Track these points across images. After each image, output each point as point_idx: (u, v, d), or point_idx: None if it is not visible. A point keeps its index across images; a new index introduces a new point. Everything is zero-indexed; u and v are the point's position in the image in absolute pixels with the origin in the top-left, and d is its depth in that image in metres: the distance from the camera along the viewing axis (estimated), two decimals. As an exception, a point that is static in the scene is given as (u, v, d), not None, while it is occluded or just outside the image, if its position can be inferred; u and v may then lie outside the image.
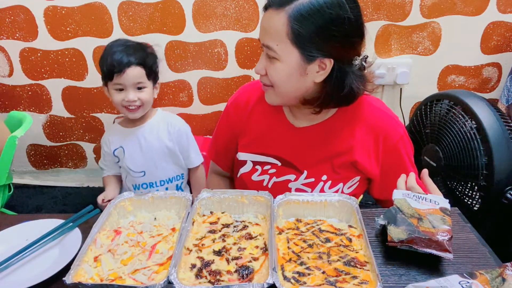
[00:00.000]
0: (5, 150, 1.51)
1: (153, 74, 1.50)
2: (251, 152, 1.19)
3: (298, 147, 1.14)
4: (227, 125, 1.26)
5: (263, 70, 1.03)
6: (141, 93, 1.45)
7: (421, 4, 1.93)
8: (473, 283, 0.72)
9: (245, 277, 0.79)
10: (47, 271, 0.84)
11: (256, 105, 1.18)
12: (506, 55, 2.03)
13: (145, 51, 1.48)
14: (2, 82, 2.08)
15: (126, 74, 1.40)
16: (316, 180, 1.13)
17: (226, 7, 1.93)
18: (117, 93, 1.45)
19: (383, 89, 2.10)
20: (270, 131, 1.16)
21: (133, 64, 1.41)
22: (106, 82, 1.46)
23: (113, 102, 1.48)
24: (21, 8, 1.91)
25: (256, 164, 1.19)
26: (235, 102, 1.23)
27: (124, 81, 1.41)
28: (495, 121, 1.39)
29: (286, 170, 1.16)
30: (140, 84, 1.44)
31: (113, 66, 1.39)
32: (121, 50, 1.42)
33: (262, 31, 1.00)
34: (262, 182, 1.19)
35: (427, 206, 0.95)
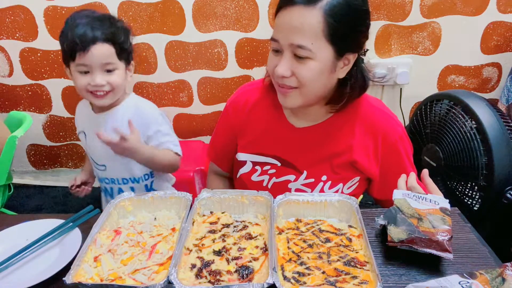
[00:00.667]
0: (5, 150, 1.51)
1: (125, 53, 1.26)
2: (250, 152, 1.19)
3: (298, 148, 1.13)
4: (226, 126, 1.25)
5: (288, 72, 0.97)
6: (110, 76, 1.21)
7: (421, 4, 1.93)
8: (473, 283, 0.72)
9: (245, 277, 0.79)
10: (47, 271, 0.84)
11: (255, 106, 1.18)
12: (506, 55, 2.03)
13: (114, 25, 1.23)
14: (2, 82, 2.08)
15: (91, 52, 1.16)
16: (316, 181, 1.13)
17: (226, 7, 1.93)
18: (81, 76, 1.20)
19: (383, 89, 2.10)
20: (270, 131, 1.16)
21: (99, 40, 1.17)
22: (68, 63, 1.23)
23: (76, 87, 1.24)
24: (21, 8, 1.91)
25: (256, 165, 1.18)
26: (234, 102, 1.22)
27: (89, 61, 1.17)
28: (495, 121, 1.39)
29: (286, 170, 1.15)
30: (110, 66, 1.21)
31: (74, 42, 1.15)
32: (85, 23, 1.17)
33: (290, 30, 0.93)
34: (262, 182, 1.18)
35: (427, 206, 0.95)
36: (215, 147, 1.32)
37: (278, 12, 0.96)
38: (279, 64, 0.97)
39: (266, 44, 2.00)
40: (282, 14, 0.95)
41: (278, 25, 0.96)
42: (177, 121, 2.22)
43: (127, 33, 1.27)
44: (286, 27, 0.94)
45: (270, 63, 1.01)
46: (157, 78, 2.07)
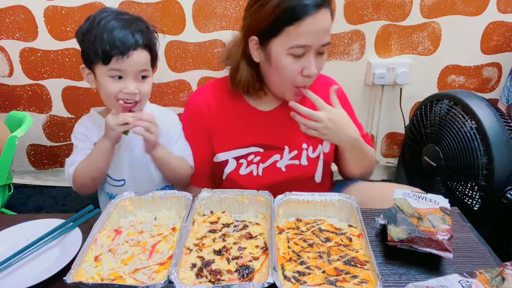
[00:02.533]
0: (5, 150, 1.51)
1: (156, 59, 1.21)
2: (229, 149, 1.20)
3: (272, 129, 1.19)
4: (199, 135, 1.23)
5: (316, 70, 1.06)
6: (142, 84, 1.14)
7: (421, 4, 1.93)
8: (472, 282, 0.72)
9: (246, 276, 0.79)
10: (47, 271, 0.84)
11: (218, 104, 1.21)
12: (506, 55, 2.03)
13: (150, 29, 1.18)
14: (2, 82, 2.08)
15: (131, 58, 1.09)
16: (299, 151, 1.19)
17: (226, 7, 1.92)
18: (112, 81, 1.11)
19: (383, 89, 2.10)
20: (242, 123, 1.19)
21: (140, 46, 1.11)
22: (93, 66, 1.13)
23: (104, 93, 1.14)
24: (21, 8, 1.90)
25: (239, 159, 1.20)
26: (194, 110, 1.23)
27: (126, 67, 1.09)
28: (495, 121, 1.39)
29: (269, 153, 1.19)
30: (144, 73, 1.14)
31: (114, 46, 1.07)
32: (122, 25, 1.10)
33: (322, 33, 1.02)
34: (251, 173, 1.20)
35: (427, 205, 0.95)
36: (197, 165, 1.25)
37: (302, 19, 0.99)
38: (309, 66, 1.04)
39: (266, 44, 2.00)
40: (309, 21, 0.99)
41: (308, 31, 1.00)
42: (177, 121, 2.22)
43: (157, 38, 1.22)
44: (318, 31, 1.01)
45: (292, 69, 1.05)
46: (157, 78, 2.07)
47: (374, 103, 2.15)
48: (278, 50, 1.04)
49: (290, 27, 1.00)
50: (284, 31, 1.01)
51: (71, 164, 1.20)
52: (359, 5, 1.91)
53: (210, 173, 1.27)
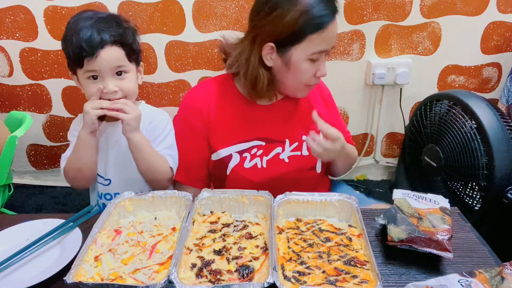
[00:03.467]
0: (5, 150, 1.51)
1: (135, 54, 1.18)
2: (232, 144, 1.21)
3: (273, 122, 1.23)
4: (196, 134, 1.23)
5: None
6: (122, 81, 1.13)
7: (421, 4, 1.93)
8: (472, 281, 0.72)
9: (246, 276, 0.79)
10: (47, 271, 0.84)
11: (218, 101, 1.22)
12: (506, 55, 2.03)
13: (121, 24, 1.15)
14: (2, 82, 2.08)
15: (100, 57, 1.08)
16: (299, 143, 1.24)
17: (226, 7, 1.92)
18: (90, 82, 1.11)
19: (383, 89, 2.10)
20: (244, 117, 1.22)
21: (107, 43, 1.09)
22: (74, 70, 1.13)
23: (86, 95, 1.15)
24: (21, 8, 1.90)
25: (243, 153, 1.21)
26: (191, 109, 1.23)
27: (98, 67, 1.09)
28: (495, 121, 1.39)
29: (271, 146, 1.23)
30: (120, 68, 1.12)
31: (80, 48, 1.07)
32: (90, 25, 1.09)
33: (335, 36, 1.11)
34: (256, 166, 1.22)
35: (427, 205, 0.95)
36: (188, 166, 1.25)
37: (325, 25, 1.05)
38: (323, 68, 1.13)
39: (266, 44, 2.00)
40: (330, 28, 1.06)
41: (328, 37, 1.08)
42: (177, 121, 2.22)
43: (135, 32, 1.19)
44: (334, 36, 1.10)
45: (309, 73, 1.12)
46: (157, 78, 2.07)
47: (374, 103, 2.15)
48: (299, 56, 1.08)
49: (313, 35, 1.05)
50: (307, 39, 1.06)
51: (64, 159, 1.22)
52: (359, 5, 1.91)
53: (207, 173, 1.28)
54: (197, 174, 1.27)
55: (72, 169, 1.19)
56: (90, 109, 1.09)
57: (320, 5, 1.04)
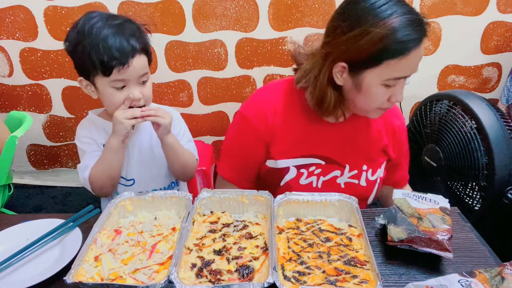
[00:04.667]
0: (5, 150, 1.51)
1: (151, 59, 1.17)
2: (292, 157, 1.16)
3: (336, 143, 1.17)
4: (255, 138, 1.17)
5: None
6: (144, 88, 1.12)
7: (421, 4, 1.93)
8: (472, 281, 0.72)
9: (246, 276, 0.79)
10: (47, 271, 0.85)
11: (285, 111, 1.15)
12: (506, 55, 2.03)
13: (141, 30, 1.12)
14: (2, 82, 2.08)
15: (132, 66, 1.05)
16: (359, 172, 1.19)
17: (226, 7, 1.92)
18: (117, 92, 1.09)
19: (383, 89, 2.10)
20: (308, 132, 1.16)
21: (138, 52, 1.06)
22: (92, 77, 1.09)
23: (110, 104, 1.12)
24: (21, 8, 1.90)
25: (300, 168, 1.17)
26: (256, 111, 1.17)
27: (128, 76, 1.06)
28: (495, 121, 1.39)
29: (331, 167, 1.18)
30: (145, 77, 1.11)
31: (113, 57, 1.02)
32: (115, 32, 1.04)
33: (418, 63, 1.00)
34: (311, 184, 1.18)
35: (427, 205, 0.95)
36: (237, 165, 1.23)
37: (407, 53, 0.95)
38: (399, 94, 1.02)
39: (266, 44, 2.00)
40: (413, 55, 0.96)
41: (411, 64, 0.98)
42: (177, 121, 2.22)
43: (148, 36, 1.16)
44: (417, 62, 0.99)
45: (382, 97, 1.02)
46: (157, 78, 2.07)
47: (374, 103, 2.15)
48: (372, 80, 1.00)
49: (391, 60, 0.95)
50: (384, 63, 0.96)
51: (84, 169, 1.18)
52: (359, 5, 1.91)
53: (256, 176, 1.24)
54: (246, 175, 1.23)
55: (101, 178, 1.16)
56: (124, 119, 1.08)
57: (406, 29, 0.94)
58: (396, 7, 0.95)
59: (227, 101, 2.14)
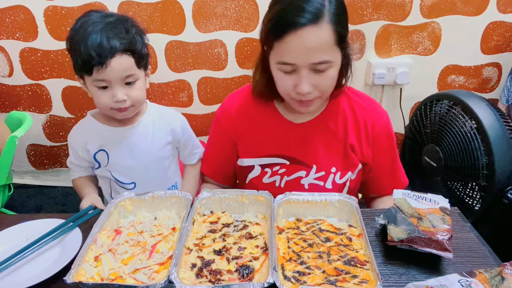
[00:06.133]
0: (5, 150, 1.51)
1: (144, 59, 1.13)
2: (256, 156, 1.19)
3: (301, 143, 1.15)
4: (221, 136, 1.24)
5: (311, 88, 0.99)
6: (131, 89, 1.10)
7: (421, 4, 1.93)
8: (472, 281, 0.72)
9: (246, 276, 0.79)
10: (47, 271, 0.84)
11: (248, 109, 1.19)
12: (506, 55, 2.03)
13: (129, 30, 1.08)
14: (2, 82, 2.08)
15: (110, 67, 1.03)
16: (326, 173, 1.16)
17: (226, 7, 1.92)
18: (100, 92, 1.08)
19: (383, 89, 2.10)
20: (271, 132, 1.17)
21: (117, 51, 1.04)
22: (81, 75, 1.09)
23: (97, 103, 1.12)
24: (21, 8, 1.90)
25: (264, 167, 1.19)
26: (224, 111, 1.23)
27: (108, 76, 1.05)
28: (495, 121, 1.39)
29: (296, 167, 1.16)
30: (130, 78, 1.09)
31: (90, 56, 1.01)
32: (98, 30, 1.03)
33: (307, 52, 0.93)
34: (274, 183, 1.19)
35: (427, 205, 0.95)
36: (211, 161, 1.31)
37: (282, 36, 0.93)
38: (300, 84, 0.98)
39: (266, 44, 2.00)
40: (290, 39, 0.92)
41: (290, 49, 0.94)
42: (177, 121, 2.22)
43: (143, 35, 1.13)
44: (301, 50, 0.93)
45: (284, 83, 1.01)
46: (157, 78, 2.07)
47: (374, 103, 2.15)
48: (271, 62, 1.02)
49: (276, 42, 0.95)
50: (274, 46, 0.96)
51: (70, 166, 1.27)
52: (359, 5, 1.91)
53: (231, 173, 1.29)
54: (220, 171, 1.29)
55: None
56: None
57: (284, 12, 0.92)
58: None
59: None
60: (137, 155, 1.22)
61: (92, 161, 1.23)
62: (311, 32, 0.91)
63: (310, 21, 0.91)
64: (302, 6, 0.91)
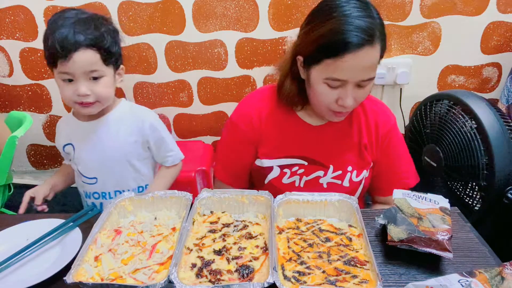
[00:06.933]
0: (5, 150, 1.51)
1: (113, 57, 1.14)
2: (276, 157, 1.21)
3: (320, 144, 1.19)
4: (241, 141, 1.23)
5: (354, 101, 1.04)
6: (96, 85, 1.11)
7: (421, 4, 1.93)
8: (472, 281, 0.72)
9: (246, 276, 0.79)
10: (47, 271, 0.84)
11: (270, 114, 1.20)
12: (506, 55, 2.03)
13: (98, 27, 1.11)
14: (2, 82, 2.08)
15: (73, 60, 1.05)
16: (343, 172, 1.19)
17: (226, 7, 1.93)
18: (65, 84, 1.10)
19: (383, 89, 2.10)
20: (290, 134, 1.20)
21: (82, 46, 1.06)
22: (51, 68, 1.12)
23: (62, 96, 1.15)
24: (21, 8, 1.91)
25: (283, 168, 1.21)
26: (243, 117, 1.22)
27: (71, 70, 1.07)
28: (495, 121, 1.39)
29: (314, 167, 1.20)
30: (95, 73, 1.10)
31: (54, 48, 1.04)
32: (67, 25, 1.06)
33: (361, 70, 0.98)
34: (293, 183, 1.21)
35: (427, 205, 0.95)
36: (228, 167, 1.29)
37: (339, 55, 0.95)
38: (345, 98, 1.02)
39: (266, 44, 2.00)
40: (348, 58, 0.95)
41: (346, 68, 0.97)
42: (177, 121, 2.22)
43: (115, 35, 1.15)
44: (356, 69, 0.98)
45: (327, 97, 1.04)
46: (157, 78, 2.07)
47: (374, 103, 2.15)
48: (316, 76, 1.03)
49: (329, 59, 0.98)
50: (324, 62, 0.99)
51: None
52: (359, 5, 1.91)
53: (249, 174, 1.29)
54: (239, 176, 1.29)
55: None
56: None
57: (345, 32, 0.94)
58: (353, 9, 0.96)
59: (227, 101, 2.15)
60: (100, 150, 1.22)
61: (63, 153, 1.30)
62: (367, 52, 0.96)
63: (368, 42, 0.95)
64: (358, 25, 0.94)
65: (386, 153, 1.22)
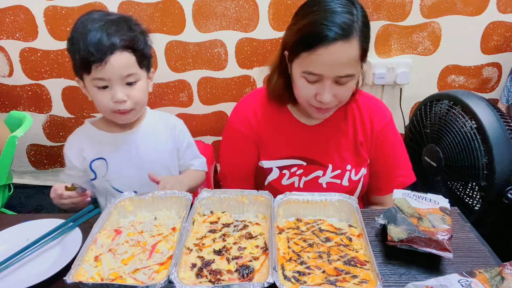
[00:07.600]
0: (5, 150, 1.51)
1: (147, 59, 1.10)
2: (274, 159, 1.21)
3: (317, 144, 1.19)
4: (245, 142, 1.22)
5: (332, 98, 1.03)
6: (132, 90, 1.06)
7: (421, 4, 1.93)
8: (472, 281, 0.72)
9: (246, 276, 0.79)
10: (47, 271, 0.84)
11: (264, 115, 1.21)
12: (506, 55, 2.03)
13: (132, 28, 1.06)
14: (2, 82, 2.08)
15: (110, 64, 1.00)
16: (342, 171, 1.20)
17: (226, 7, 1.92)
18: (100, 92, 1.04)
19: (383, 89, 2.10)
20: (287, 134, 1.20)
21: (117, 48, 1.01)
22: (80, 75, 1.06)
23: (97, 105, 1.08)
24: (21, 8, 1.90)
25: (282, 169, 1.21)
26: (241, 119, 1.22)
27: (107, 74, 1.01)
28: (495, 121, 1.39)
29: (313, 167, 1.20)
30: (131, 77, 1.05)
31: (88, 52, 0.98)
32: (98, 27, 1.00)
33: (336, 65, 0.97)
34: (293, 184, 1.21)
35: (427, 205, 0.95)
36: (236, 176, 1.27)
37: (313, 48, 0.96)
38: (322, 94, 1.02)
39: (266, 44, 2.00)
40: (321, 52, 0.95)
41: (319, 62, 0.97)
42: (177, 121, 2.22)
43: (146, 36, 1.10)
44: (330, 63, 0.97)
45: (306, 91, 1.05)
46: (157, 78, 2.07)
47: (374, 103, 2.15)
48: (296, 70, 1.04)
49: (305, 52, 0.98)
50: (301, 55, 1.00)
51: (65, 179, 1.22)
52: (359, 5, 1.91)
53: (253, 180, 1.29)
54: (246, 179, 1.28)
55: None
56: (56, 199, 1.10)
57: (319, 25, 0.95)
58: (336, 5, 0.96)
59: (227, 101, 2.14)
60: (138, 161, 1.17)
61: (87, 170, 1.17)
62: (342, 47, 0.95)
63: (342, 37, 0.95)
64: (334, 20, 0.94)
65: (381, 150, 1.21)
